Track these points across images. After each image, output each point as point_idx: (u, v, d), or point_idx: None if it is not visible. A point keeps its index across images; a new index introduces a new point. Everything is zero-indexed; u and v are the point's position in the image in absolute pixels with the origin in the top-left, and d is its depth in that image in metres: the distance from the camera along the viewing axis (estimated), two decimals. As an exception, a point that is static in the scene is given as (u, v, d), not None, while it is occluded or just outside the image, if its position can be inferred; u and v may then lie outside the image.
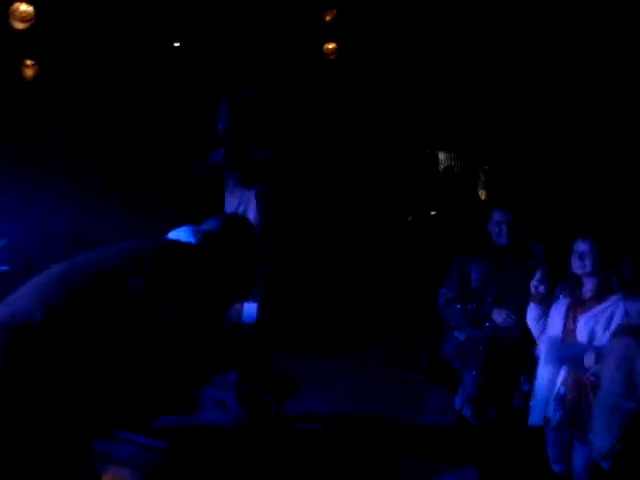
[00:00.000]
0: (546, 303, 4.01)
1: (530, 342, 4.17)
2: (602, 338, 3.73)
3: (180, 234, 2.77)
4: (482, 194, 9.39)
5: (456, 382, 4.64)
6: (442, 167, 10.50)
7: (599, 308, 3.79)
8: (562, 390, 3.86)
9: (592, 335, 3.77)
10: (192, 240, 2.71)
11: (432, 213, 8.98)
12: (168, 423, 4.58)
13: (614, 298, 3.79)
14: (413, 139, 9.83)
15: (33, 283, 2.24)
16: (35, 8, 5.75)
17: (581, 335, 3.81)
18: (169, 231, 2.91)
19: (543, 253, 4.62)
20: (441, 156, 10.71)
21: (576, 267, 3.87)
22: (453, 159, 10.89)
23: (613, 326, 3.72)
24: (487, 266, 4.54)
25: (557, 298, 4.01)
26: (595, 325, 3.77)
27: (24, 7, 5.82)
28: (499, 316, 4.33)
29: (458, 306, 4.42)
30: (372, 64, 8.33)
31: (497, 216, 4.61)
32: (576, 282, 3.94)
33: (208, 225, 2.90)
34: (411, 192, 9.75)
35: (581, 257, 3.82)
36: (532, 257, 4.69)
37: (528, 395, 4.11)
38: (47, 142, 6.59)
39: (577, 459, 3.84)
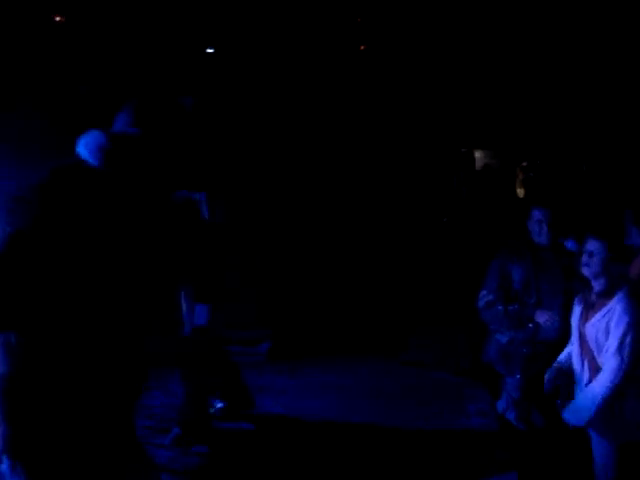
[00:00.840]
0: None
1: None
2: (605, 342, 3.60)
3: (84, 148, 2.07)
4: (520, 192, 9.25)
5: (497, 385, 4.54)
6: (479, 166, 10.38)
7: (603, 311, 3.67)
8: None
9: (598, 339, 3.64)
10: (93, 160, 2.01)
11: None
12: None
13: (614, 300, 3.66)
14: (449, 138, 9.73)
15: None
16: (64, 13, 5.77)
17: (590, 340, 3.69)
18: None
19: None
20: (477, 154, 10.58)
21: (584, 266, 3.76)
22: (490, 157, 10.75)
23: (612, 329, 3.59)
24: (528, 267, 4.42)
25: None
26: (599, 329, 3.65)
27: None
28: (542, 317, 4.22)
29: (500, 308, 4.31)
30: (406, 62, 8.25)
31: (537, 215, 4.49)
32: (587, 286, 3.83)
33: (119, 123, 2.12)
34: (447, 192, 9.65)
35: (590, 256, 3.73)
36: (571, 255, 4.58)
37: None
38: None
39: (595, 451, 3.73)
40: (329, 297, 6.66)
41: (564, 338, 4.08)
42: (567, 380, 3.83)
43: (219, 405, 4.69)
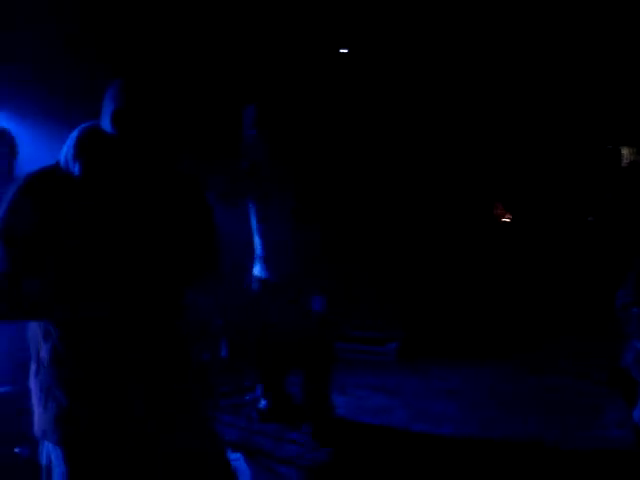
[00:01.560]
0: None
1: None
2: None
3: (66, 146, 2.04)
4: (671, 190, 8.67)
5: (636, 393, 4.30)
6: (626, 163, 9.86)
7: None
8: None
9: None
10: (66, 163, 2.00)
11: None
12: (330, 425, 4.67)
13: None
14: (594, 135, 9.32)
15: None
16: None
17: None
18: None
19: None
20: (624, 151, 10.04)
21: None
22: (637, 154, 10.16)
23: None
24: (670, 267, 4.15)
25: None
26: None
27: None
28: None
29: (635, 310, 4.07)
30: (551, 60, 7.97)
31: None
32: None
33: (104, 115, 2.03)
34: (592, 190, 9.26)
35: None
36: None
37: None
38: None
39: None
40: (460, 298, 6.55)
41: None
42: None
43: None
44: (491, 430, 4.42)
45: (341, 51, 6.96)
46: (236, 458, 4.20)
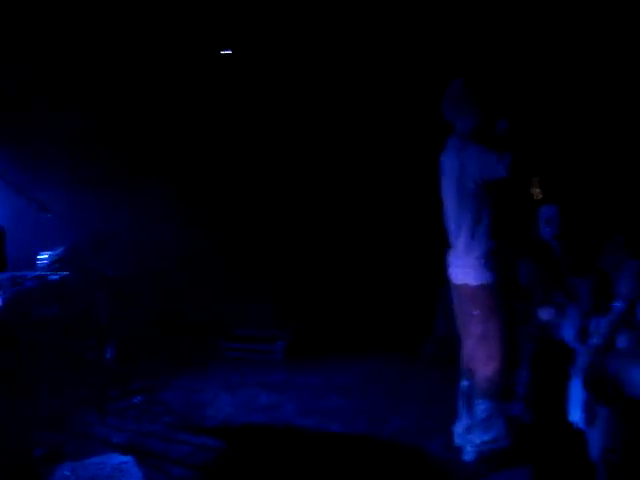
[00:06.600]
0: None
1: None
2: None
3: None
4: None
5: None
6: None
7: None
8: None
9: None
10: None
11: None
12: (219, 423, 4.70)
13: None
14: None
15: None
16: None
17: None
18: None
19: None
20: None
21: None
22: None
23: None
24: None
25: None
26: None
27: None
28: (545, 314, 4.28)
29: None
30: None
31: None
32: None
33: None
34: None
35: None
36: None
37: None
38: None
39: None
40: (351, 297, 6.56)
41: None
42: None
43: None
44: (379, 425, 4.58)
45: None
46: (126, 461, 4.17)
